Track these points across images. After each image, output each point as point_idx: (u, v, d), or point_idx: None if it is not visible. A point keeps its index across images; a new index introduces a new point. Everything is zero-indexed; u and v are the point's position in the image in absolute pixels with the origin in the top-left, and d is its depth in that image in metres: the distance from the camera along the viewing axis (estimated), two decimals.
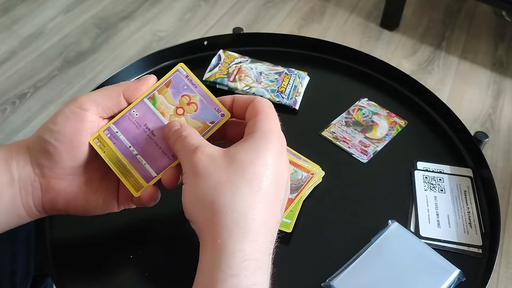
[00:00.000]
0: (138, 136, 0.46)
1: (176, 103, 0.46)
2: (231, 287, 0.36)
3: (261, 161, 0.40)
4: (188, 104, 0.46)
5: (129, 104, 0.47)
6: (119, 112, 0.47)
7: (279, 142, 0.42)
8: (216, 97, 0.47)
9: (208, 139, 0.44)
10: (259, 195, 0.39)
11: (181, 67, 0.47)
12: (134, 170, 0.46)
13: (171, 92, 0.47)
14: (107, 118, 0.47)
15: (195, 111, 0.46)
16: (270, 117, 0.43)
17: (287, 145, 0.44)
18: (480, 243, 0.55)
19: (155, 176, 0.46)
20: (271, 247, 0.40)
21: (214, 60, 0.73)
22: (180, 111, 0.46)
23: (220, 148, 0.41)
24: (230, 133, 0.47)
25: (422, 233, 0.56)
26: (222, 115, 0.46)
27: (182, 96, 0.47)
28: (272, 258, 0.40)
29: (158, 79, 0.48)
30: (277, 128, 0.43)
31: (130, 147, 0.46)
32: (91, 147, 0.45)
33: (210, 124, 0.46)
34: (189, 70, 0.47)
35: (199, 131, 0.45)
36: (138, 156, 0.46)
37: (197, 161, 0.40)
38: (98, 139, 0.46)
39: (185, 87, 0.47)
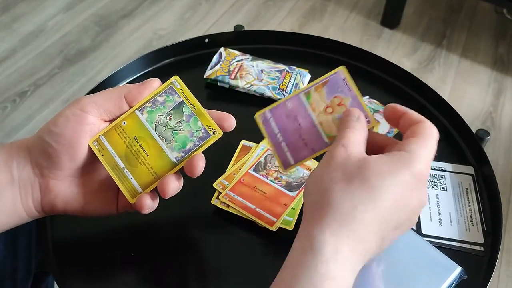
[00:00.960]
0: None
1: (327, 102, 0.45)
2: (320, 272, 0.36)
3: (388, 178, 0.38)
4: (339, 105, 0.45)
5: (130, 107, 0.46)
6: (120, 115, 0.46)
7: (419, 174, 0.39)
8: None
9: None
10: (370, 204, 0.38)
11: (341, 70, 0.46)
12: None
13: (325, 92, 0.46)
14: (108, 121, 0.46)
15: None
16: (427, 144, 0.40)
17: None
18: (481, 241, 0.55)
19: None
20: (367, 256, 0.39)
21: (215, 58, 0.73)
22: (329, 110, 0.45)
23: (364, 153, 0.40)
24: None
25: (423, 231, 0.56)
26: (368, 121, 0.44)
27: (334, 97, 0.46)
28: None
29: (160, 79, 0.48)
30: (427, 158, 0.39)
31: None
32: (90, 150, 0.45)
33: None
34: (348, 74, 0.46)
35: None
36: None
37: (335, 154, 0.40)
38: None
39: (339, 89, 0.46)
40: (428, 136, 0.40)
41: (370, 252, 0.39)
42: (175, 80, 0.46)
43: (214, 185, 0.57)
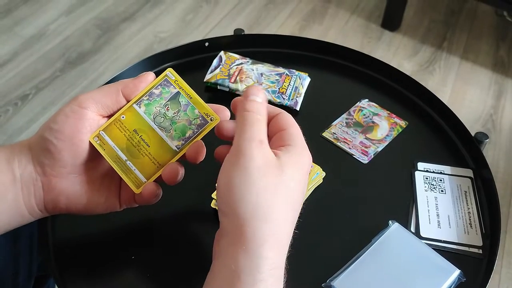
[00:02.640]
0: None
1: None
2: None
3: (297, 177, 0.40)
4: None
5: (128, 101, 0.47)
6: (118, 110, 0.47)
7: (310, 160, 0.43)
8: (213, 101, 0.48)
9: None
10: (291, 209, 0.40)
11: (169, 73, 0.48)
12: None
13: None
14: (107, 116, 0.47)
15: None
16: (300, 133, 0.43)
17: None
18: (480, 243, 0.55)
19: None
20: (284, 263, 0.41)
21: (215, 62, 0.73)
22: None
23: (272, 152, 0.41)
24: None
25: (422, 234, 0.56)
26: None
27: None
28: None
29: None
30: (306, 145, 0.43)
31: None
32: (91, 146, 0.46)
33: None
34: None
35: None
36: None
37: (256, 155, 0.39)
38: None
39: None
40: (294, 122, 0.44)
41: (289, 245, 0.41)
42: (170, 72, 0.48)
43: (213, 195, 0.57)
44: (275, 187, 0.39)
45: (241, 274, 0.37)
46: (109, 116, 0.47)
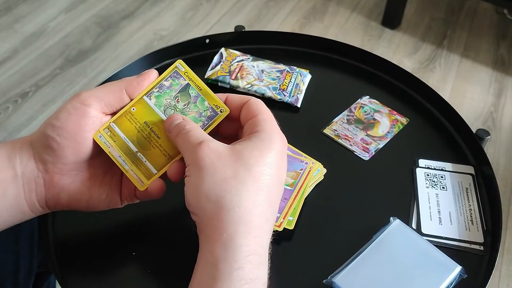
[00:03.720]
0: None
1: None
2: (236, 279, 0.37)
3: (266, 160, 0.41)
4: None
5: (131, 99, 0.47)
6: (121, 108, 0.47)
7: (282, 143, 0.43)
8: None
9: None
10: (262, 193, 0.40)
11: (179, 64, 0.48)
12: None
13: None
14: (110, 114, 0.47)
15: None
16: (270, 118, 0.44)
17: (289, 143, 0.45)
18: (481, 240, 0.55)
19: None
20: (269, 242, 0.41)
21: (216, 58, 0.73)
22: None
23: (224, 144, 0.42)
24: (223, 130, 0.48)
25: (423, 230, 0.56)
26: (221, 111, 0.46)
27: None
28: (269, 253, 0.41)
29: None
30: (278, 128, 0.44)
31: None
32: (94, 143, 0.45)
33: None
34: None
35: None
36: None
37: (203, 156, 0.40)
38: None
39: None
40: (263, 108, 0.44)
41: (270, 232, 0.41)
42: (179, 64, 0.48)
43: None
44: (234, 175, 0.39)
45: (218, 265, 0.38)
46: (112, 114, 0.47)
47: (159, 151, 0.46)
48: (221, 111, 0.46)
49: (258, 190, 0.40)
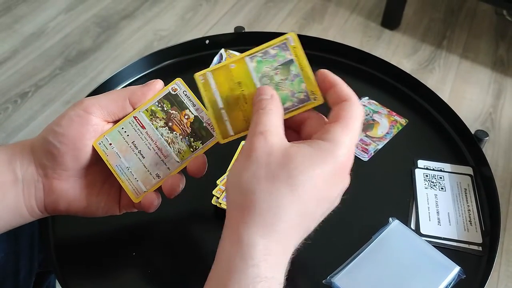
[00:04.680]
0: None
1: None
2: (251, 276, 0.36)
3: (312, 173, 0.38)
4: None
5: (134, 109, 0.47)
6: (124, 117, 0.47)
7: (342, 163, 0.39)
8: None
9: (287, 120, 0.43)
10: (296, 201, 0.38)
11: (291, 37, 0.45)
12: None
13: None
14: (112, 122, 0.47)
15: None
16: (350, 129, 0.40)
17: None
18: (480, 240, 0.55)
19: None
20: (292, 250, 0.40)
21: (215, 59, 0.74)
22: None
23: (284, 141, 0.40)
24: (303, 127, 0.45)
25: (422, 231, 0.56)
26: (315, 98, 0.44)
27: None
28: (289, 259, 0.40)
29: (162, 80, 0.48)
30: (351, 144, 0.40)
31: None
32: (94, 150, 0.45)
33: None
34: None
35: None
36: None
37: (256, 146, 0.39)
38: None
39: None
40: (353, 120, 0.40)
41: (295, 245, 0.40)
42: (291, 36, 0.45)
43: (214, 192, 0.57)
44: (274, 176, 0.37)
45: (234, 259, 0.37)
46: (114, 122, 0.47)
47: (242, 116, 0.45)
48: (314, 99, 0.44)
49: (291, 197, 0.38)
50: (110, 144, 0.46)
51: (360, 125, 0.41)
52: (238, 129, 0.45)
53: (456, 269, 0.51)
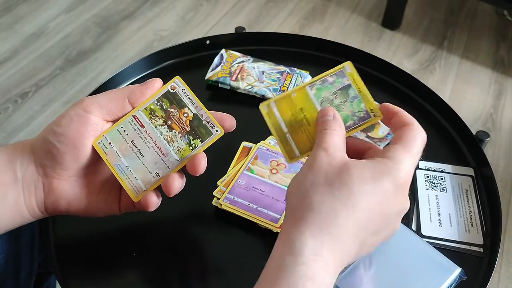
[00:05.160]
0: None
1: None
2: (300, 273, 0.36)
3: (368, 184, 0.38)
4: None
5: (133, 108, 0.47)
6: (123, 116, 0.47)
7: (400, 180, 0.39)
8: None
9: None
10: (351, 209, 0.38)
11: (347, 66, 0.48)
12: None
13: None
14: (111, 121, 0.47)
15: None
16: (411, 150, 0.40)
17: None
18: (481, 242, 0.55)
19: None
20: (345, 260, 0.39)
21: (216, 60, 0.73)
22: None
23: (345, 156, 0.41)
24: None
25: (423, 232, 0.56)
26: (375, 115, 0.46)
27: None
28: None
29: (162, 80, 0.48)
30: (410, 164, 0.40)
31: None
32: (94, 150, 0.45)
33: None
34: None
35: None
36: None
37: (318, 159, 0.40)
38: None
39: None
40: (414, 142, 0.41)
41: (349, 256, 0.39)
42: (348, 65, 0.48)
43: (215, 193, 0.57)
44: (330, 183, 0.38)
45: (285, 257, 0.37)
46: (114, 122, 0.47)
47: (306, 137, 0.46)
48: (374, 115, 0.46)
49: (346, 204, 0.38)
50: (110, 143, 0.46)
51: (421, 148, 0.41)
52: (303, 150, 0.47)
53: (457, 270, 0.51)
